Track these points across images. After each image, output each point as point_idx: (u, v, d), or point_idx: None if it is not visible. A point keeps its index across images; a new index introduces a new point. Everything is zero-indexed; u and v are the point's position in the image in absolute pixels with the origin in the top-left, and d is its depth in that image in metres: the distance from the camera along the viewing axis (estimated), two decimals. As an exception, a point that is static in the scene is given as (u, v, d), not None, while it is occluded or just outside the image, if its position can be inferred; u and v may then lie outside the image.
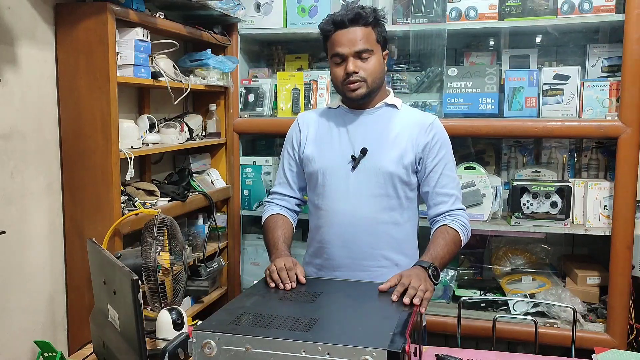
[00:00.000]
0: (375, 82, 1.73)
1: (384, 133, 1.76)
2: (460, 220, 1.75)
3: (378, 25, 1.73)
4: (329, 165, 1.77)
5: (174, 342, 1.29)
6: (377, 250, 1.75)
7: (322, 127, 1.83)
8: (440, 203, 1.76)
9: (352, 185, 1.74)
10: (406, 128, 1.76)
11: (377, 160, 1.73)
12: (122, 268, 1.26)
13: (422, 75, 2.71)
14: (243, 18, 2.66)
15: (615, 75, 2.44)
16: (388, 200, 1.74)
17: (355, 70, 1.70)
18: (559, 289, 2.51)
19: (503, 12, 2.46)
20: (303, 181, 1.89)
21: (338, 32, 1.71)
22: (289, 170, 1.89)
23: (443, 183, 1.76)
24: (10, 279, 1.77)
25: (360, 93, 1.73)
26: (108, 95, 1.86)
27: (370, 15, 1.70)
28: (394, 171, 1.73)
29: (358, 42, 1.69)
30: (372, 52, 1.71)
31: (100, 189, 1.90)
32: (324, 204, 1.78)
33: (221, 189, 2.65)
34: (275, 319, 1.26)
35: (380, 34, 1.74)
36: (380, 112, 1.80)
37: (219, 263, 2.51)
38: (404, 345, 1.10)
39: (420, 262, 1.60)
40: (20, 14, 1.77)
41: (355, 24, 1.69)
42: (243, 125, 2.74)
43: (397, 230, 1.77)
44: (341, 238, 1.75)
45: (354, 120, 1.79)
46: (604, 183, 2.44)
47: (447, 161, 1.78)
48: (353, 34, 1.69)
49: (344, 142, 1.77)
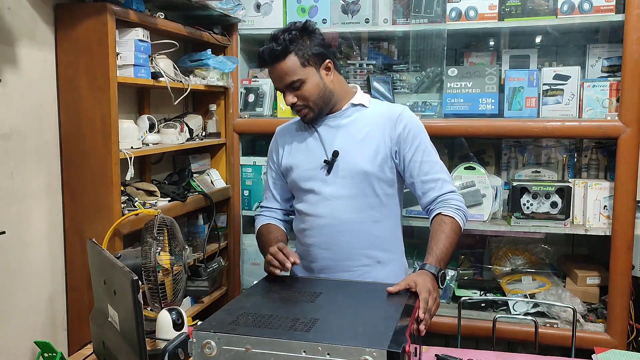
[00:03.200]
0: (318, 102, 1.74)
1: (354, 133, 1.78)
2: (454, 204, 1.73)
3: (301, 48, 1.69)
4: (305, 172, 1.80)
5: (174, 342, 1.29)
6: (358, 249, 1.77)
7: (297, 137, 1.87)
8: (429, 190, 1.76)
9: (330, 188, 1.76)
10: (376, 124, 1.77)
11: (350, 161, 1.75)
12: (122, 268, 1.26)
13: (422, 76, 2.71)
14: (243, 18, 2.66)
15: (615, 75, 2.44)
16: (366, 199, 1.76)
17: (293, 102, 1.73)
18: (559, 289, 2.51)
19: (503, 12, 2.46)
20: (287, 193, 1.94)
21: (268, 68, 1.74)
22: (273, 184, 1.95)
23: (426, 170, 1.76)
24: (10, 279, 1.77)
25: (309, 118, 1.77)
26: (108, 95, 1.86)
27: (282, 46, 1.67)
28: (368, 170, 1.74)
29: (284, 78, 1.71)
30: (302, 80, 1.70)
31: (100, 189, 1.90)
32: (304, 208, 1.81)
33: (221, 189, 2.65)
34: (275, 319, 1.26)
35: (306, 54, 1.70)
36: (348, 113, 1.81)
37: (219, 263, 2.51)
38: (404, 345, 1.10)
39: (428, 267, 1.58)
40: (20, 14, 1.77)
41: (275, 61, 1.69)
42: (243, 125, 2.75)
43: (378, 227, 1.78)
44: (323, 240, 1.78)
45: (324, 126, 1.81)
46: (604, 183, 2.44)
47: (425, 147, 1.77)
48: (278, 71, 1.71)
49: (317, 148, 1.80)
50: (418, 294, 1.44)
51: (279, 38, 1.68)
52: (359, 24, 2.63)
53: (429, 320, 1.43)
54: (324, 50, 1.74)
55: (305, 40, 1.71)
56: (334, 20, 2.66)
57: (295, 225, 1.90)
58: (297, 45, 1.69)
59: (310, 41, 1.71)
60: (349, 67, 2.77)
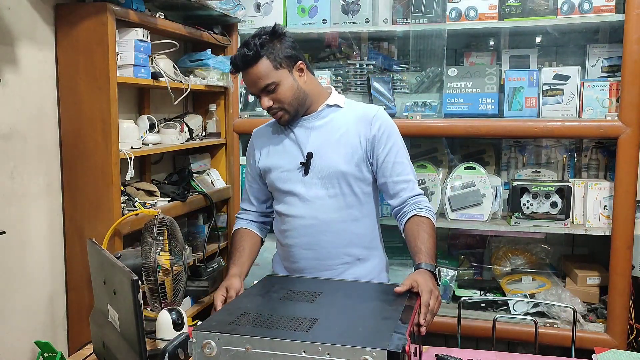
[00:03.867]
0: (293, 104, 1.76)
1: (330, 134, 1.79)
2: (426, 206, 1.78)
3: (272, 51, 1.71)
4: (283, 174, 1.82)
5: (174, 342, 1.29)
6: (339, 248, 1.80)
7: (273, 139, 1.88)
8: (401, 190, 1.79)
9: (307, 189, 1.78)
10: (351, 125, 1.79)
11: (327, 162, 1.77)
12: (122, 268, 1.26)
13: (422, 76, 2.71)
14: (243, 18, 2.66)
15: (615, 75, 2.44)
16: (344, 198, 1.78)
17: (269, 105, 1.75)
18: (559, 289, 2.51)
19: (503, 12, 2.46)
20: (263, 194, 1.97)
21: (242, 73, 1.76)
22: (249, 186, 1.98)
23: (398, 171, 1.79)
24: (10, 279, 1.77)
25: (285, 120, 1.79)
26: (108, 95, 1.86)
27: (254, 51, 1.69)
28: (345, 170, 1.76)
29: (258, 82, 1.72)
30: (276, 82, 1.72)
31: (100, 189, 1.90)
32: (284, 210, 1.83)
33: (221, 189, 2.65)
34: (275, 319, 1.26)
35: (277, 57, 1.71)
36: (323, 114, 1.82)
37: (219, 263, 2.51)
38: (404, 346, 1.10)
39: (425, 266, 1.60)
40: (20, 14, 1.77)
41: (248, 66, 1.71)
42: (243, 125, 2.74)
43: (357, 225, 1.81)
44: (304, 241, 1.80)
45: (300, 127, 1.82)
46: (604, 183, 2.44)
47: (398, 149, 1.80)
48: (251, 76, 1.72)
49: (294, 150, 1.81)
50: (420, 294, 1.45)
51: (250, 43, 1.70)
52: (359, 24, 2.63)
53: (430, 320, 1.44)
54: (295, 52, 1.76)
55: (276, 44, 1.72)
56: (334, 20, 2.66)
57: (275, 227, 1.92)
58: (268, 49, 1.70)
59: (280, 44, 1.73)
60: (349, 67, 2.77)
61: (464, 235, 2.82)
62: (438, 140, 2.76)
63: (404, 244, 2.67)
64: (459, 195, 2.55)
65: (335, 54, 2.87)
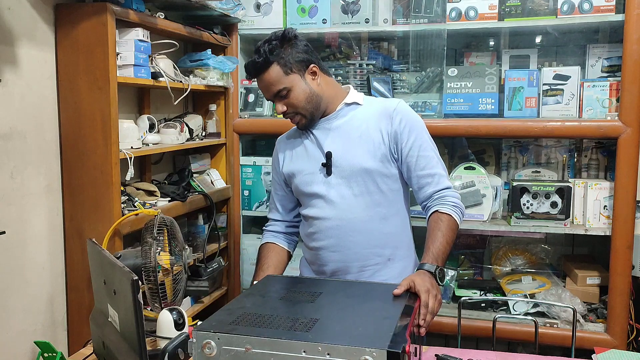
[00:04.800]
0: (307, 108, 1.75)
1: (350, 132, 1.77)
2: (451, 201, 1.72)
3: (282, 57, 1.70)
4: (306, 177, 1.80)
5: (174, 342, 1.29)
6: (368, 249, 1.76)
7: (296, 144, 1.86)
8: (425, 185, 1.75)
9: (333, 190, 1.75)
10: (372, 121, 1.76)
11: (350, 160, 1.74)
12: (122, 268, 1.26)
13: (422, 76, 2.71)
14: (243, 18, 2.66)
15: (615, 75, 2.44)
16: (371, 196, 1.75)
17: (284, 110, 1.74)
18: (559, 289, 2.51)
19: (503, 12, 2.46)
20: (290, 202, 1.93)
21: (256, 79, 1.76)
22: (276, 194, 1.95)
23: (422, 165, 1.74)
24: (10, 279, 1.77)
25: (302, 124, 1.79)
26: (108, 95, 1.86)
27: (264, 58, 1.69)
28: (370, 167, 1.73)
29: (270, 88, 1.72)
30: (287, 88, 1.71)
31: (100, 189, 1.90)
32: (311, 212, 1.80)
33: (221, 189, 2.65)
34: (275, 319, 1.26)
35: (288, 62, 1.71)
36: (342, 113, 1.80)
37: (219, 263, 2.51)
38: (404, 346, 1.10)
39: (426, 267, 1.58)
40: (20, 14, 1.77)
41: (259, 72, 1.71)
42: (243, 125, 2.75)
43: (386, 224, 1.77)
44: (331, 243, 1.77)
45: (320, 129, 1.81)
46: (604, 183, 2.44)
47: (422, 142, 1.76)
48: (264, 82, 1.72)
49: (315, 152, 1.79)
50: (418, 295, 1.45)
51: (260, 50, 1.70)
52: (359, 24, 2.63)
53: (430, 320, 1.43)
54: (308, 56, 1.74)
55: (287, 49, 1.71)
56: (334, 20, 2.66)
57: (302, 231, 1.88)
58: (278, 55, 1.70)
59: (291, 48, 1.72)
60: (349, 67, 2.77)
61: (464, 235, 2.82)
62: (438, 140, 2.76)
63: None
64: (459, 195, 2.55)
65: (335, 54, 2.87)
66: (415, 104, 2.66)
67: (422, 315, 1.41)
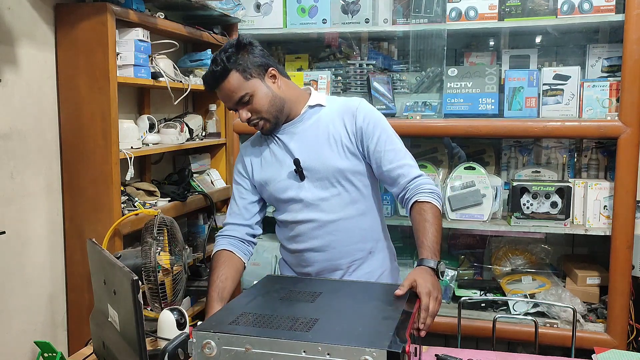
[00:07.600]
0: (271, 111, 1.73)
1: (318, 134, 1.76)
2: (427, 188, 1.71)
3: (240, 63, 1.68)
4: (280, 184, 1.78)
5: (174, 342, 1.29)
6: (351, 245, 1.77)
7: (262, 151, 1.84)
8: (398, 177, 1.74)
9: (309, 193, 1.75)
10: (337, 120, 1.76)
11: (323, 162, 1.74)
12: (122, 268, 1.26)
13: (422, 76, 2.72)
14: (243, 18, 2.66)
15: (615, 75, 2.44)
16: (348, 195, 1.76)
17: (248, 117, 1.72)
18: (559, 289, 2.51)
19: (503, 12, 2.46)
20: (257, 208, 1.88)
21: (216, 91, 1.73)
22: (241, 199, 1.86)
23: (390, 158, 1.74)
24: (10, 279, 1.77)
25: (267, 128, 1.76)
26: (108, 95, 1.87)
27: (222, 66, 1.67)
28: (342, 166, 1.74)
29: (232, 96, 1.70)
30: (249, 93, 1.69)
31: (100, 189, 1.90)
32: (290, 217, 1.79)
33: (221, 189, 2.65)
34: (275, 319, 1.26)
35: (246, 68, 1.69)
36: (307, 116, 1.79)
37: (219, 263, 2.51)
38: (404, 346, 1.10)
39: (426, 262, 1.58)
40: (20, 14, 1.77)
41: (219, 82, 1.69)
42: (243, 125, 2.72)
43: (365, 219, 1.79)
44: (315, 244, 1.77)
45: (286, 133, 1.79)
46: (604, 183, 2.44)
47: (386, 136, 1.75)
48: (225, 91, 1.70)
49: (285, 158, 1.78)
50: (419, 297, 1.45)
51: (217, 59, 1.69)
52: (359, 24, 2.63)
53: (430, 323, 1.43)
54: (265, 60, 1.73)
55: (244, 55, 1.70)
56: (334, 20, 2.66)
57: (281, 235, 1.87)
58: (236, 62, 1.68)
59: (248, 54, 1.71)
60: (349, 67, 2.77)
61: (464, 235, 2.82)
62: (438, 140, 2.76)
63: (404, 243, 2.67)
64: (459, 195, 2.56)
65: (335, 54, 2.87)
66: (415, 104, 2.66)
67: (422, 318, 1.41)
